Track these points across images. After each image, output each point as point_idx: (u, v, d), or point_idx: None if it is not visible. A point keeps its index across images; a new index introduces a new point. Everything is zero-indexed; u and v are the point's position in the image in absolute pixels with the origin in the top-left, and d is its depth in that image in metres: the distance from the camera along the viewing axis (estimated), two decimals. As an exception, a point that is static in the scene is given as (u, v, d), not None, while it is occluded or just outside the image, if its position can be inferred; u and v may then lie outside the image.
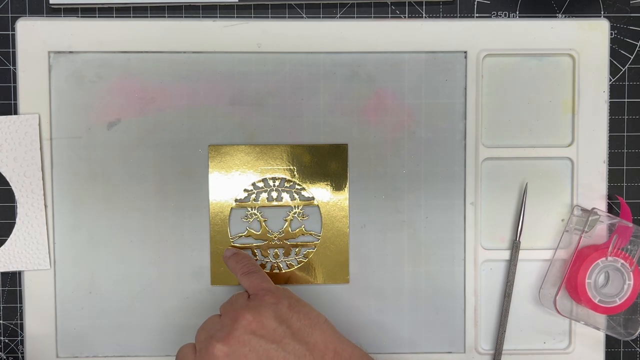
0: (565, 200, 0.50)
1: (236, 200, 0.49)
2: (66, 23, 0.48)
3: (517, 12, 0.50)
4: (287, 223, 0.50)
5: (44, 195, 0.49)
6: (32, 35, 0.48)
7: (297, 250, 0.50)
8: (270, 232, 0.50)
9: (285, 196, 0.50)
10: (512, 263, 0.50)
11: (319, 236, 0.50)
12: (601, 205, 0.50)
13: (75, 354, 0.50)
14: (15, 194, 0.49)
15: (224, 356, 0.40)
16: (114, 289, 0.49)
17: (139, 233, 0.49)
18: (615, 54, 0.50)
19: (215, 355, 0.40)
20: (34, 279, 0.49)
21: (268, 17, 0.50)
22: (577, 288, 0.48)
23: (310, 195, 0.50)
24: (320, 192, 0.50)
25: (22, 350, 0.50)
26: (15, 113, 0.49)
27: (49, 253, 0.49)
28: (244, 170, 0.49)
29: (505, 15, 0.50)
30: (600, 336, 0.50)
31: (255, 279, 0.45)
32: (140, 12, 0.50)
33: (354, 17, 0.50)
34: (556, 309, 0.48)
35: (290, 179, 0.49)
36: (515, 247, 0.50)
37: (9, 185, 0.48)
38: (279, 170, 0.49)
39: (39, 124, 0.48)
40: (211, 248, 0.49)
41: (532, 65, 0.50)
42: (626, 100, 0.51)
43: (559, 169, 0.50)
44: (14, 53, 0.49)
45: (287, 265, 0.50)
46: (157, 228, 0.49)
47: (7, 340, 0.51)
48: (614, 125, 0.51)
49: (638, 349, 0.52)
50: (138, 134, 0.49)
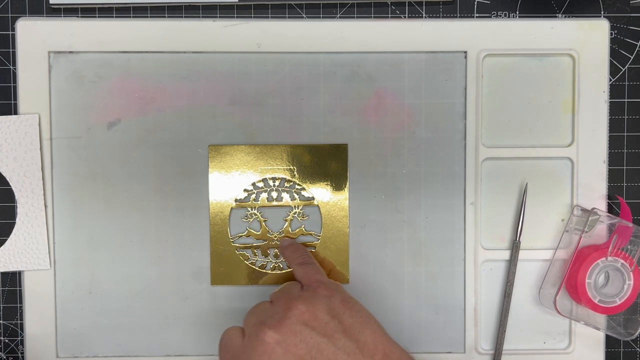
0: (565, 200, 0.50)
1: (236, 200, 0.49)
2: (66, 23, 0.48)
3: (517, 12, 0.50)
4: (287, 223, 0.50)
5: (44, 195, 0.49)
6: (32, 35, 0.48)
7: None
8: (270, 232, 0.50)
9: (285, 196, 0.50)
10: (512, 263, 0.50)
11: (319, 236, 0.50)
12: (601, 205, 0.50)
13: (75, 354, 0.50)
14: (15, 194, 0.49)
15: (275, 343, 0.40)
16: (114, 289, 0.49)
17: (139, 233, 0.49)
18: (615, 54, 0.50)
19: (266, 341, 0.40)
20: (34, 279, 0.49)
21: (268, 17, 0.50)
22: (577, 288, 0.48)
23: (310, 195, 0.50)
24: (320, 192, 0.50)
25: (22, 350, 0.50)
26: (15, 113, 0.49)
27: (49, 253, 0.49)
28: (244, 170, 0.49)
29: (505, 15, 0.50)
30: (600, 336, 0.50)
31: (310, 270, 0.45)
32: (140, 12, 0.50)
33: (354, 17, 0.50)
34: (556, 309, 0.48)
35: (290, 179, 0.49)
36: (515, 247, 0.50)
37: (9, 185, 0.48)
38: (279, 170, 0.49)
39: (39, 124, 0.48)
40: (211, 248, 0.49)
41: (532, 65, 0.50)
42: (626, 100, 0.51)
43: (559, 169, 0.50)
44: (14, 53, 0.49)
45: (288, 265, 0.50)
46: (157, 228, 0.49)
47: (7, 340, 0.51)
48: (614, 125, 0.51)
49: (638, 349, 0.52)
50: (138, 134, 0.49)
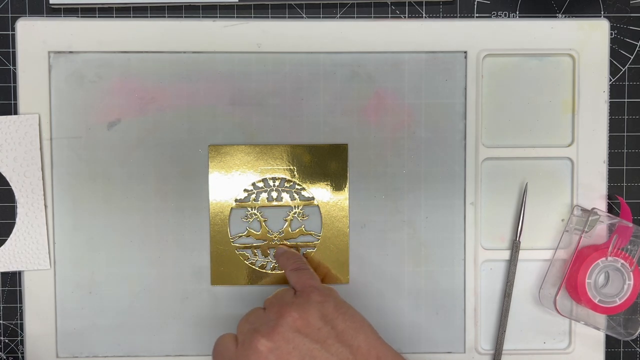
0: (565, 200, 0.50)
1: (236, 200, 0.49)
2: (66, 23, 0.48)
3: (517, 12, 0.50)
4: (287, 223, 0.50)
5: (44, 195, 0.49)
6: (32, 35, 0.48)
7: (297, 250, 0.50)
8: (270, 232, 0.50)
9: (285, 196, 0.50)
10: (512, 263, 0.50)
11: (319, 236, 0.50)
12: (601, 205, 0.50)
13: (75, 354, 0.50)
14: (15, 194, 0.49)
15: (268, 351, 0.40)
16: (114, 289, 0.49)
17: (138, 233, 0.49)
18: (615, 54, 0.50)
19: (259, 349, 0.40)
20: (34, 279, 0.49)
21: (268, 17, 0.50)
22: (577, 288, 0.48)
23: (310, 195, 0.50)
24: (320, 192, 0.50)
25: (22, 350, 0.50)
26: (15, 113, 0.49)
27: (49, 253, 0.49)
28: (244, 170, 0.49)
29: (505, 15, 0.50)
30: (600, 336, 0.50)
31: (303, 276, 0.45)
32: (140, 12, 0.50)
33: (354, 17, 0.50)
34: (556, 309, 0.48)
35: (290, 179, 0.49)
36: (515, 247, 0.50)
37: (9, 185, 0.48)
38: (279, 170, 0.49)
39: (39, 124, 0.48)
40: (211, 248, 0.49)
41: (532, 65, 0.50)
42: (626, 100, 0.51)
43: (559, 169, 0.50)
44: (14, 53, 0.49)
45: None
46: (157, 228, 0.49)
47: (7, 340, 0.51)
48: (614, 125, 0.51)
49: (638, 349, 0.52)
50: (138, 134, 0.49)
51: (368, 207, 0.50)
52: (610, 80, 0.50)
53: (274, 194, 0.50)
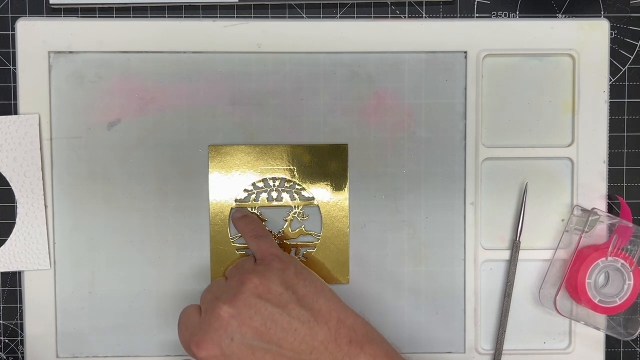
0: (565, 200, 0.50)
1: (236, 200, 0.49)
2: (66, 23, 0.48)
3: (517, 12, 0.50)
4: (287, 223, 0.50)
5: (44, 195, 0.49)
6: (32, 35, 0.48)
7: (297, 250, 0.50)
8: (270, 232, 0.50)
9: (285, 196, 0.50)
10: (512, 263, 0.50)
11: (319, 236, 0.50)
12: (601, 205, 0.50)
13: (75, 354, 0.50)
14: (15, 194, 0.49)
15: (230, 317, 0.41)
16: (114, 289, 0.49)
17: (138, 233, 0.49)
18: (615, 54, 0.50)
19: (221, 316, 0.41)
20: (34, 279, 0.49)
21: (268, 17, 0.50)
22: (577, 288, 0.48)
23: (310, 195, 0.50)
24: (320, 192, 0.50)
25: (22, 350, 0.50)
26: (15, 113, 0.49)
27: (49, 253, 0.49)
28: (244, 170, 0.49)
29: (505, 15, 0.50)
30: (600, 336, 0.50)
31: (263, 244, 0.46)
32: (140, 12, 0.50)
33: (354, 17, 0.50)
34: (556, 309, 0.48)
35: (290, 179, 0.49)
36: (515, 247, 0.50)
37: (9, 185, 0.48)
38: (279, 170, 0.49)
39: (39, 124, 0.48)
40: (211, 248, 0.49)
41: (532, 65, 0.50)
42: (626, 100, 0.51)
43: (559, 169, 0.50)
44: (14, 53, 0.49)
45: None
46: (157, 228, 0.49)
47: (7, 340, 0.51)
48: (614, 125, 0.51)
49: (638, 349, 0.52)
50: (138, 134, 0.49)
51: (368, 207, 0.50)
52: (610, 80, 0.50)
53: (274, 194, 0.50)
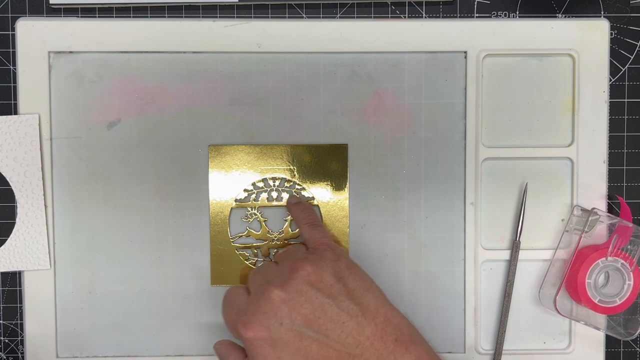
0: (565, 200, 0.50)
1: (236, 200, 0.49)
2: (66, 23, 0.48)
3: (517, 12, 0.50)
4: (287, 223, 0.50)
5: (44, 195, 0.49)
6: (32, 35, 0.48)
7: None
8: (270, 232, 0.50)
9: (286, 196, 0.50)
10: (512, 263, 0.50)
11: (319, 236, 0.50)
12: (601, 205, 0.50)
13: (75, 354, 0.50)
14: (15, 194, 0.49)
15: (281, 301, 0.40)
16: (114, 289, 0.49)
17: (139, 233, 0.49)
18: (615, 54, 0.50)
19: (272, 299, 0.41)
20: (34, 279, 0.49)
21: (268, 17, 0.50)
22: (577, 288, 0.48)
23: (311, 195, 0.50)
24: (321, 192, 0.50)
25: (22, 350, 0.50)
26: (15, 113, 0.49)
27: (49, 253, 0.49)
28: (244, 170, 0.49)
29: (505, 15, 0.50)
30: (600, 336, 0.50)
31: (317, 232, 0.46)
32: (140, 12, 0.50)
33: (354, 17, 0.50)
34: (556, 309, 0.48)
35: (290, 179, 0.49)
36: (515, 247, 0.50)
37: (9, 185, 0.48)
38: (279, 170, 0.49)
39: (39, 124, 0.48)
40: (211, 248, 0.49)
41: (532, 65, 0.50)
42: (626, 100, 0.51)
43: (559, 169, 0.50)
44: (14, 53, 0.49)
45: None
46: (157, 228, 0.49)
47: (7, 340, 0.51)
48: (614, 125, 0.51)
49: (638, 349, 0.52)
50: (138, 134, 0.49)
51: (368, 207, 0.50)
52: (610, 80, 0.50)
53: (274, 194, 0.50)
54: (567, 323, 0.51)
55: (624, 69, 0.51)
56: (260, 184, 0.50)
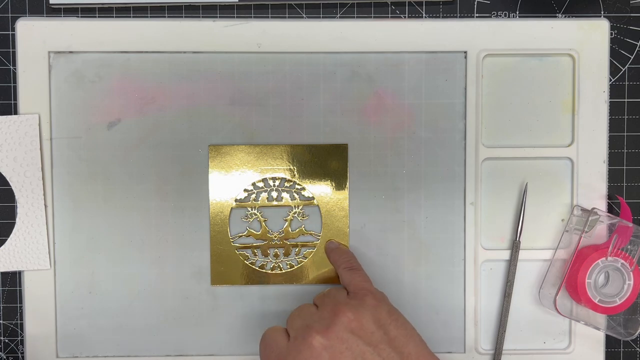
0: (565, 200, 0.50)
1: (236, 200, 0.49)
2: (66, 23, 0.48)
3: (517, 12, 0.50)
4: (287, 223, 0.50)
5: (44, 195, 0.49)
6: (32, 35, 0.48)
7: (297, 250, 0.50)
8: (270, 232, 0.50)
9: (285, 196, 0.50)
10: (512, 263, 0.50)
11: (319, 236, 0.50)
12: (601, 205, 0.50)
13: (75, 354, 0.50)
14: (15, 194, 0.49)
15: (322, 348, 0.40)
16: (114, 289, 0.49)
17: (139, 233, 0.49)
18: (615, 54, 0.50)
19: (313, 345, 0.40)
20: (34, 279, 0.49)
21: (268, 17, 0.50)
22: (577, 288, 0.48)
23: (310, 195, 0.50)
24: (321, 192, 0.50)
25: (22, 350, 0.50)
26: (15, 113, 0.49)
27: (49, 253, 0.49)
28: (244, 170, 0.49)
29: (505, 15, 0.50)
30: (600, 336, 0.50)
31: (357, 277, 0.45)
32: (140, 12, 0.50)
33: (354, 17, 0.50)
34: (556, 309, 0.48)
35: (290, 178, 0.49)
36: (515, 247, 0.50)
37: (9, 185, 0.49)
38: (279, 170, 0.49)
39: (39, 124, 0.48)
40: (211, 248, 0.49)
41: (532, 65, 0.50)
42: (626, 100, 0.51)
43: (559, 169, 0.50)
44: (14, 53, 0.49)
45: (288, 265, 0.50)
46: (157, 228, 0.49)
47: (7, 340, 0.51)
48: (614, 125, 0.51)
49: (638, 349, 0.52)
50: (138, 134, 0.49)
51: (368, 207, 0.50)
52: (610, 80, 0.50)
53: (274, 194, 0.50)
54: (567, 323, 0.51)
55: (624, 69, 0.51)
56: (260, 184, 0.50)
